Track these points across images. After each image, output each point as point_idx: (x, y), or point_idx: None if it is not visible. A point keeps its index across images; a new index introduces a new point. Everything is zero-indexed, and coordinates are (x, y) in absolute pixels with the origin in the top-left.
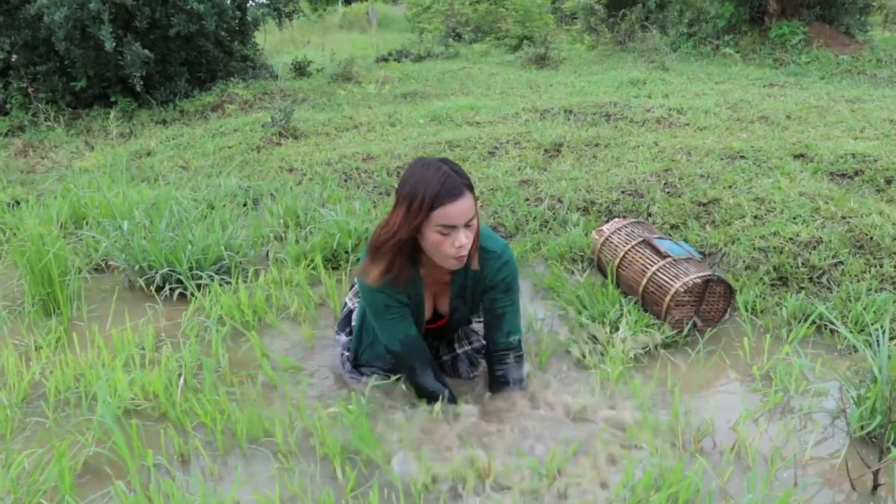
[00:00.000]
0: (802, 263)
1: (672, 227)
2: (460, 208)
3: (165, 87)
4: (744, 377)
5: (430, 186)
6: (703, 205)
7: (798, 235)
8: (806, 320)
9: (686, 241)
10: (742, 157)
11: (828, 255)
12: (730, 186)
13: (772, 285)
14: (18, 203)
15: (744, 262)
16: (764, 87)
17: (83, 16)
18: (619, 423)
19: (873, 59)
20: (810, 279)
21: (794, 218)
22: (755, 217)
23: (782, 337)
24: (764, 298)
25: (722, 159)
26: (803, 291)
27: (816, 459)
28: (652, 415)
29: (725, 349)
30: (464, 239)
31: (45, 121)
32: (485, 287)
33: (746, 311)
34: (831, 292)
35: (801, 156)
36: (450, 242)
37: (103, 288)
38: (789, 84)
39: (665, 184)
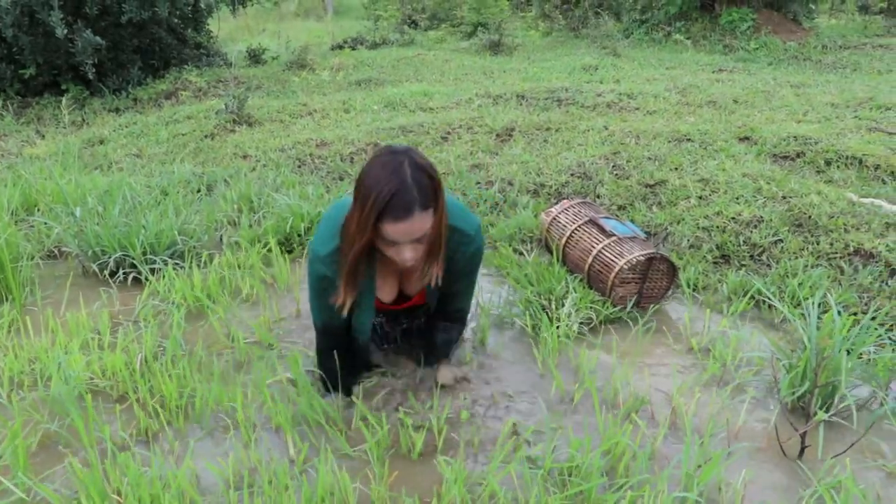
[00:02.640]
0: (744, 242)
1: (620, 208)
2: (402, 229)
3: (118, 75)
4: (683, 350)
5: (380, 197)
6: (650, 186)
7: (740, 215)
8: (745, 296)
9: (633, 221)
10: (689, 140)
11: (768, 233)
12: (676, 168)
13: (714, 263)
14: None
15: (688, 240)
16: (713, 72)
17: (31, 1)
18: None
19: (819, 46)
20: (751, 256)
21: (737, 198)
22: (700, 197)
23: (723, 312)
24: (706, 276)
25: (669, 142)
26: (744, 268)
27: (749, 426)
28: (592, 383)
29: (667, 324)
30: (408, 254)
31: None
32: (455, 269)
33: (689, 288)
34: (770, 269)
35: (746, 138)
36: (394, 252)
37: (57, 274)
38: (738, 69)
39: (613, 166)
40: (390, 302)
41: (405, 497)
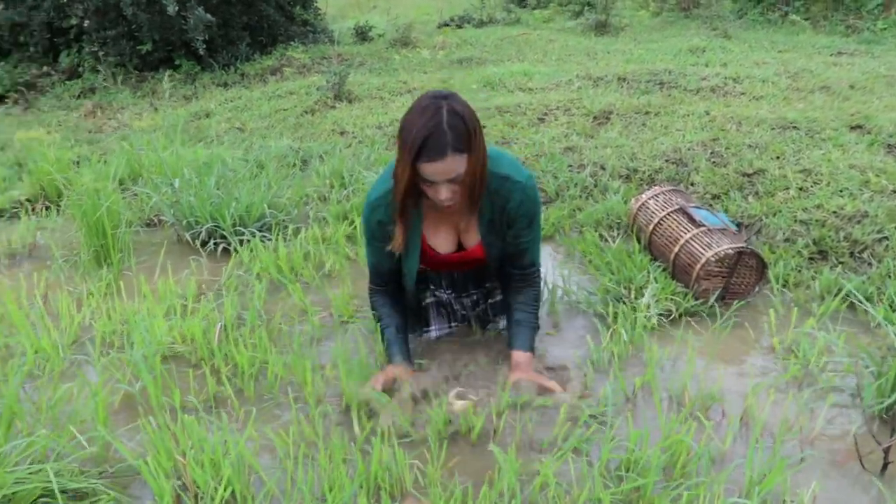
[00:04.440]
0: (844, 237)
1: (714, 196)
2: (436, 169)
3: (227, 51)
4: (765, 350)
5: (416, 138)
6: (748, 175)
7: (843, 209)
8: (837, 295)
9: (727, 211)
10: (794, 127)
11: (872, 229)
12: (777, 157)
13: (810, 259)
14: (83, 161)
15: (783, 233)
16: (831, 55)
17: None
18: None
19: None
20: (851, 254)
21: (841, 191)
22: (800, 189)
23: (812, 311)
24: (799, 272)
25: (773, 129)
26: (841, 266)
27: (827, 434)
28: (662, 377)
29: (750, 321)
30: (443, 194)
31: (114, 83)
32: (510, 220)
33: (778, 284)
34: (871, 268)
35: (859, 127)
36: (432, 192)
37: (154, 241)
38: (859, 52)
39: (711, 153)
40: (448, 252)
41: (457, 483)
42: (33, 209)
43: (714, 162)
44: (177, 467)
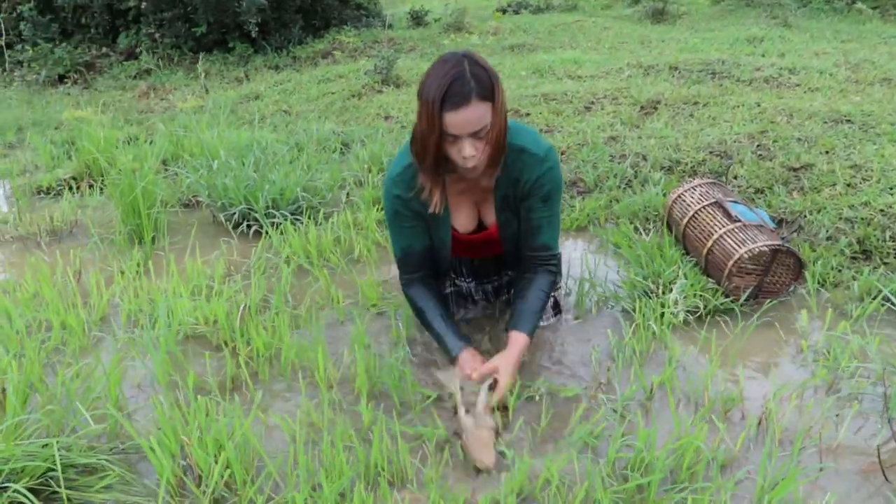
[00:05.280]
0: (891, 237)
1: (757, 191)
2: (461, 118)
3: (280, 34)
4: (793, 352)
5: (439, 88)
6: (794, 170)
7: (891, 207)
8: (877, 297)
9: (769, 206)
10: (848, 121)
11: None
12: (827, 152)
13: (852, 258)
14: (131, 141)
15: (826, 231)
16: None
17: None
18: None
19: None
20: None
21: (891, 188)
22: (848, 185)
23: (849, 313)
24: (839, 271)
25: (825, 123)
26: (885, 266)
27: (850, 443)
28: (682, 376)
29: (781, 321)
30: (468, 150)
31: (168, 65)
32: (523, 194)
33: (816, 284)
34: None
35: None
36: (455, 150)
37: (190, 222)
38: None
39: (758, 146)
40: (469, 232)
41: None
42: (78, 187)
43: (760, 155)
44: (184, 447)
